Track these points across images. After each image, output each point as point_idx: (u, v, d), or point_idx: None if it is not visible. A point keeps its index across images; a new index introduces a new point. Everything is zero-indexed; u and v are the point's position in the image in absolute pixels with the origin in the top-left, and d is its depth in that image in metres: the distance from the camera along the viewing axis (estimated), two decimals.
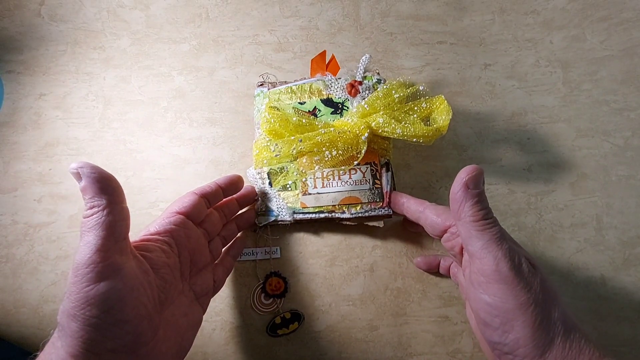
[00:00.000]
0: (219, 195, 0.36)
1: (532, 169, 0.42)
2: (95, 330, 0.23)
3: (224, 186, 0.36)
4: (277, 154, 0.37)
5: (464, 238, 0.28)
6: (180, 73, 0.44)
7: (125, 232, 0.26)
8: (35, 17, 0.46)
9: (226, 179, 0.36)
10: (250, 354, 0.37)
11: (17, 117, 0.43)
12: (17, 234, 0.40)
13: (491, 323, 0.27)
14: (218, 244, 0.36)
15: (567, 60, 0.45)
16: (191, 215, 0.33)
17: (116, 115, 0.43)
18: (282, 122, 0.37)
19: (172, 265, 0.30)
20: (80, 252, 0.24)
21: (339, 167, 0.37)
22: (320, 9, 0.46)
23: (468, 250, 0.28)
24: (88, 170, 0.25)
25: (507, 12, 0.46)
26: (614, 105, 0.43)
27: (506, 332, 0.26)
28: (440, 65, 0.45)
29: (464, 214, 0.28)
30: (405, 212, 0.36)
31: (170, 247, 0.30)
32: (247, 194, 0.38)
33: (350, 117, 0.38)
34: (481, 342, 0.31)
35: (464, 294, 0.34)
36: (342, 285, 0.39)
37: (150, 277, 0.27)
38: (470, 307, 0.30)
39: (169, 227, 0.31)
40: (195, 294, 0.32)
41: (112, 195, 0.25)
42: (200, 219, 0.34)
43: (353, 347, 0.37)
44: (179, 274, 0.31)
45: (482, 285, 0.27)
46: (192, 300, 0.32)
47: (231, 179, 0.37)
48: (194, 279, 0.32)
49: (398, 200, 0.36)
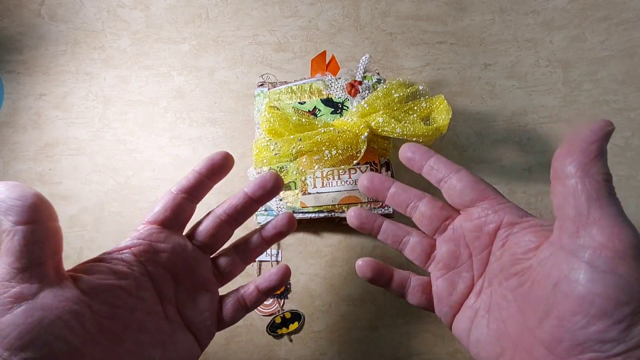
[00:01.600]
0: (203, 185, 0.29)
1: (532, 169, 0.42)
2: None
3: (205, 171, 0.29)
4: (276, 152, 0.37)
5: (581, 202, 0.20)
6: (180, 73, 0.44)
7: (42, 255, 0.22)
8: (35, 17, 0.46)
9: (205, 162, 0.29)
10: (251, 353, 0.37)
11: (17, 117, 0.43)
12: None
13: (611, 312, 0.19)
14: (232, 260, 0.30)
15: (567, 60, 0.45)
16: (167, 221, 0.27)
17: (116, 115, 0.43)
18: (282, 122, 0.37)
19: (129, 287, 0.25)
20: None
21: (338, 166, 0.37)
22: (320, 9, 0.46)
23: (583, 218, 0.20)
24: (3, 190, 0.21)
25: (507, 12, 0.46)
26: (614, 105, 0.43)
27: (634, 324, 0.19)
28: (440, 65, 0.45)
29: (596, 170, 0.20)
30: (390, 200, 0.30)
31: (129, 265, 0.26)
32: (260, 185, 0.29)
33: (350, 117, 0.38)
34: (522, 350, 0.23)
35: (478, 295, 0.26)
36: (342, 285, 0.39)
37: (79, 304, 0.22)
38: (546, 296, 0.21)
39: (130, 242, 0.27)
40: (186, 321, 0.27)
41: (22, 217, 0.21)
42: (184, 223, 0.29)
43: (353, 347, 0.37)
44: (149, 295, 0.26)
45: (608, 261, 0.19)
46: (178, 328, 0.27)
47: (211, 160, 0.29)
48: (183, 302, 0.27)
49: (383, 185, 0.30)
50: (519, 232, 0.25)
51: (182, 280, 0.28)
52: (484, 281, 0.26)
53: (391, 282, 0.30)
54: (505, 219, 0.26)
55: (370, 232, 0.31)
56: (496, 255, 0.25)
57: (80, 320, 0.22)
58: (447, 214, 0.28)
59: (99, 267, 0.25)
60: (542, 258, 0.22)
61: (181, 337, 0.27)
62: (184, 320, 0.27)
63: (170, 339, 0.26)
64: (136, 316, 0.25)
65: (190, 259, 0.28)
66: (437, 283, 0.28)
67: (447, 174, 0.28)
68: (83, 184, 0.41)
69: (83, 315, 0.22)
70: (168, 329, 0.26)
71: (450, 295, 0.27)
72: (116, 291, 0.24)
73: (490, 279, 0.26)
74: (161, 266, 0.27)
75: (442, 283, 0.27)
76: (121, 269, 0.25)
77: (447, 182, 0.28)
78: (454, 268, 0.27)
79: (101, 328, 0.23)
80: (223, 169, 0.30)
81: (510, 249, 0.25)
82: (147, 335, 0.25)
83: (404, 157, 0.30)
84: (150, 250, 0.27)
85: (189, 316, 0.27)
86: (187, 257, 0.28)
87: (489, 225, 0.26)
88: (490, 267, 0.26)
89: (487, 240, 0.26)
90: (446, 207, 0.29)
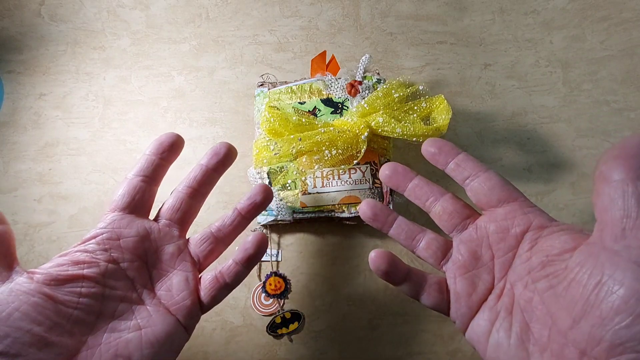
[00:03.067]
0: (158, 165, 0.30)
1: (532, 169, 0.42)
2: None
3: (155, 152, 0.30)
4: (276, 152, 0.37)
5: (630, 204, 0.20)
6: (180, 73, 0.44)
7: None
8: (35, 17, 0.46)
9: (154, 143, 0.30)
10: (251, 353, 0.37)
11: (17, 117, 0.43)
12: (17, 234, 0.39)
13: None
14: (207, 241, 0.29)
15: (567, 60, 0.45)
16: (128, 206, 0.28)
17: (116, 115, 0.43)
18: (282, 122, 0.37)
19: (94, 275, 0.25)
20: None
21: (338, 166, 0.37)
22: (320, 9, 0.46)
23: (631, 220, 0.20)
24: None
25: (507, 12, 0.46)
26: (614, 105, 0.43)
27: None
28: (440, 65, 0.45)
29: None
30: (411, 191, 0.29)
31: (92, 254, 0.26)
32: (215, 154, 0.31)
33: (350, 117, 0.38)
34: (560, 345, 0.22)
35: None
36: (342, 285, 0.39)
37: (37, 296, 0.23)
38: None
39: (93, 232, 0.27)
40: (162, 301, 0.27)
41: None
42: (145, 205, 0.29)
43: (353, 346, 0.37)
44: (120, 282, 0.26)
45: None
46: (156, 312, 0.27)
47: (159, 140, 0.30)
48: (159, 285, 0.28)
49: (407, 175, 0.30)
50: (551, 234, 0.24)
51: (153, 264, 0.28)
52: (504, 284, 0.26)
53: (406, 278, 0.28)
54: (535, 222, 0.25)
55: (382, 226, 0.30)
56: (522, 258, 0.25)
57: (42, 312, 0.23)
58: (469, 213, 0.28)
59: (59, 261, 0.25)
60: (581, 259, 0.22)
61: (160, 319, 0.26)
62: (162, 303, 0.27)
63: (148, 322, 0.26)
64: (107, 304, 0.25)
65: (159, 240, 0.28)
66: (456, 282, 0.27)
67: (474, 173, 0.28)
68: (83, 184, 0.41)
69: (45, 307, 0.23)
70: (145, 313, 0.26)
71: (470, 296, 0.26)
72: (80, 281, 0.25)
73: (514, 281, 0.25)
74: (129, 252, 0.27)
75: (461, 282, 0.27)
76: (83, 258, 0.26)
77: (473, 181, 0.28)
78: (474, 269, 0.27)
79: (70, 318, 0.24)
80: (172, 147, 0.30)
81: (541, 251, 0.24)
82: (122, 321, 0.25)
83: (428, 152, 0.30)
84: (114, 237, 0.27)
85: (167, 298, 0.27)
86: (156, 239, 0.28)
87: (517, 227, 0.26)
88: (515, 270, 0.25)
89: (513, 242, 0.26)
90: (468, 206, 0.28)
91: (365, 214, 0.30)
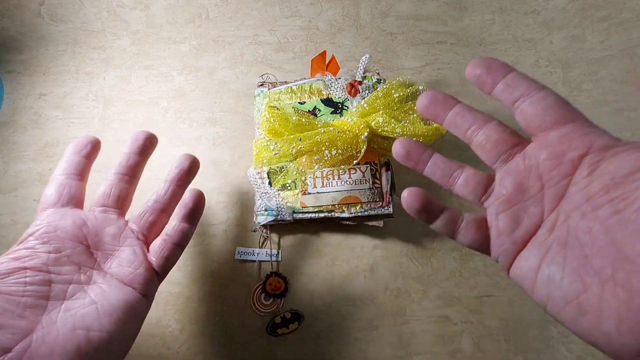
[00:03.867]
0: (80, 163, 0.32)
1: None
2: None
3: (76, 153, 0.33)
4: (276, 152, 0.37)
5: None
6: (180, 73, 0.44)
7: None
8: (35, 17, 0.46)
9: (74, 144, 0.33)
10: (250, 353, 0.37)
11: (17, 117, 0.43)
12: (17, 234, 0.39)
13: None
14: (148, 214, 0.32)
15: (567, 60, 0.45)
16: (58, 201, 0.30)
17: (116, 115, 0.43)
18: (281, 122, 0.37)
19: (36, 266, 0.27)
20: None
21: (338, 166, 0.37)
22: (320, 9, 0.46)
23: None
24: None
25: (507, 12, 0.46)
26: (614, 105, 0.43)
27: None
28: (440, 65, 0.45)
29: None
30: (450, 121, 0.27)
31: (32, 249, 0.28)
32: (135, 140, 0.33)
33: (350, 117, 0.38)
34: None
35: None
36: (342, 285, 0.39)
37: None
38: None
39: (30, 230, 0.29)
40: (117, 277, 0.29)
41: None
42: (74, 198, 0.31)
43: (353, 346, 0.37)
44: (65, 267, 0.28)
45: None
46: (110, 286, 0.28)
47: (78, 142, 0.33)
48: (108, 263, 0.30)
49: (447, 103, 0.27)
50: (617, 155, 0.21)
51: (97, 246, 0.30)
52: (557, 216, 0.23)
53: (440, 215, 0.26)
54: (597, 143, 0.22)
55: (416, 164, 0.28)
56: (580, 185, 0.22)
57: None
58: (517, 141, 0.25)
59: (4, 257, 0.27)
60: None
61: (115, 291, 0.28)
62: (115, 278, 0.29)
63: (102, 297, 0.28)
64: (56, 288, 0.27)
65: (97, 226, 0.30)
66: (497, 218, 0.24)
67: (527, 92, 0.24)
68: None
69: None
70: (98, 290, 0.28)
71: (513, 232, 0.24)
72: (22, 272, 0.27)
73: (568, 212, 0.22)
74: (69, 239, 0.29)
75: (503, 218, 0.24)
76: (24, 254, 0.28)
77: (525, 101, 0.24)
78: (520, 202, 0.24)
79: (19, 304, 0.26)
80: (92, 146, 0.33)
81: (606, 174, 0.21)
82: (76, 300, 0.27)
83: (473, 74, 0.26)
84: (51, 230, 0.29)
85: (119, 272, 0.29)
86: (94, 225, 0.30)
87: (574, 151, 0.23)
88: (570, 199, 0.22)
89: (569, 168, 0.23)
90: (516, 133, 0.25)
91: (398, 153, 0.28)
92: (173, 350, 0.37)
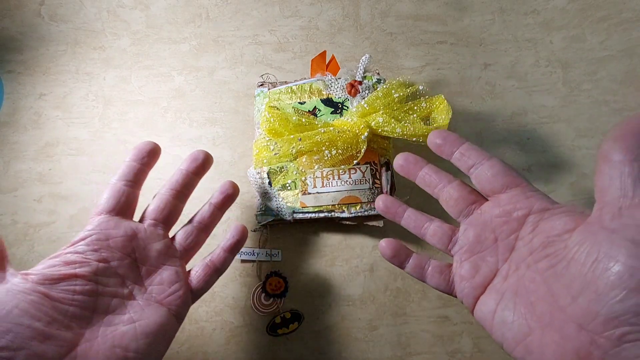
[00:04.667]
0: (140, 171, 0.32)
1: (532, 169, 0.42)
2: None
3: (137, 160, 0.31)
4: (276, 152, 0.37)
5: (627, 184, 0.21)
6: (180, 73, 0.44)
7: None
8: (35, 17, 0.46)
9: (134, 151, 0.32)
10: (250, 353, 0.37)
11: (17, 117, 0.43)
12: (17, 234, 0.40)
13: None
14: (190, 235, 0.32)
15: (567, 60, 0.45)
16: (113, 209, 0.30)
17: (116, 115, 0.43)
18: (282, 122, 0.37)
19: (86, 274, 0.27)
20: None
21: (338, 166, 0.37)
22: (320, 9, 0.46)
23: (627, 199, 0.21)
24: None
25: (507, 12, 0.46)
26: (613, 105, 0.43)
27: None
28: (440, 65, 0.45)
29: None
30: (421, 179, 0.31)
31: (83, 255, 0.27)
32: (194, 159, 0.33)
33: (350, 117, 0.38)
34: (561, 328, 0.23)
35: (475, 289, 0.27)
36: (342, 285, 0.39)
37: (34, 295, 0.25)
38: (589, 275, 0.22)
39: (83, 234, 0.28)
40: (154, 295, 0.29)
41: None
42: (129, 207, 0.30)
43: (353, 346, 0.37)
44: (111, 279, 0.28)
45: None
46: (148, 305, 0.28)
47: (139, 149, 0.32)
48: (149, 280, 0.29)
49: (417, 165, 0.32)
50: (552, 216, 0.25)
51: (143, 261, 0.30)
52: (510, 265, 0.26)
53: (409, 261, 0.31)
54: (536, 205, 0.26)
55: (393, 217, 0.32)
56: (525, 240, 0.26)
57: (40, 308, 0.24)
58: (475, 199, 0.29)
59: (50, 262, 0.27)
60: (580, 238, 0.23)
61: (152, 312, 0.28)
62: (154, 297, 0.29)
63: (140, 315, 0.28)
64: (101, 300, 0.27)
65: (146, 239, 0.30)
66: (461, 265, 0.28)
67: (478, 161, 0.29)
68: (83, 184, 0.41)
69: (42, 304, 0.25)
70: (137, 307, 0.28)
71: (474, 278, 0.27)
72: (73, 279, 0.26)
73: (518, 263, 0.26)
74: (118, 250, 0.29)
75: (465, 265, 0.28)
76: (75, 259, 0.27)
77: (477, 169, 0.29)
78: (479, 252, 0.28)
79: (66, 313, 0.25)
80: (150, 154, 0.32)
81: (543, 232, 0.25)
82: (117, 315, 0.27)
83: (433, 143, 0.31)
84: (103, 238, 0.28)
85: (159, 292, 0.29)
86: (143, 238, 0.30)
87: (519, 211, 0.27)
88: (518, 252, 0.26)
89: (516, 225, 0.27)
90: (474, 192, 0.29)
91: (379, 207, 0.33)
92: (173, 350, 0.37)
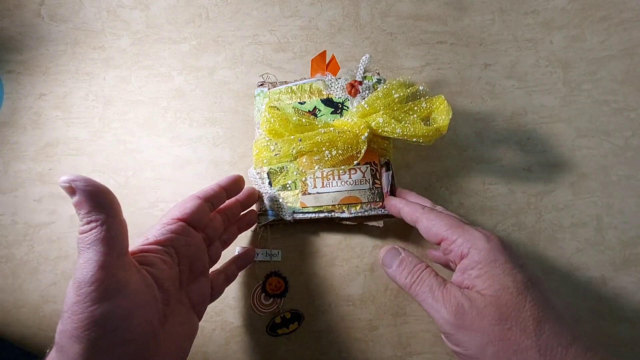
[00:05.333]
0: (222, 197, 0.34)
1: (532, 169, 0.42)
2: (99, 351, 0.22)
3: (226, 187, 0.35)
4: (276, 153, 0.37)
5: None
6: (180, 73, 0.44)
7: (125, 246, 0.25)
8: (35, 17, 0.46)
9: (228, 179, 0.35)
10: (251, 353, 0.37)
11: (17, 117, 0.43)
12: (17, 234, 0.40)
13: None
14: (218, 248, 0.34)
15: (567, 60, 0.45)
16: (193, 221, 0.31)
17: (116, 115, 0.43)
18: (282, 122, 0.37)
19: (173, 276, 0.28)
20: (82, 270, 0.22)
21: (338, 166, 0.37)
22: (320, 9, 0.46)
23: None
24: (82, 184, 0.23)
25: (507, 12, 0.46)
26: (614, 105, 0.43)
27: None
28: (440, 65, 0.45)
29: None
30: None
31: (170, 257, 0.29)
32: (249, 195, 0.37)
33: (350, 117, 0.38)
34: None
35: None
36: (342, 285, 0.39)
37: (154, 291, 0.26)
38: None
39: (169, 235, 0.29)
40: (191, 301, 0.30)
41: (109, 209, 0.24)
42: (202, 223, 0.32)
43: (353, 346, 0.37)
44: (179, 283, 0.29)
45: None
46: (189, 308, 0.30)
47: (233, 179, 0.36)
48: (190, 286, 0.31)
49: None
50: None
51: (193, 269, 0.31)
52: None
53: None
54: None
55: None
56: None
57: (158, 305, 0.26)
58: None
59: (154, 259, 0.28)
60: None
61: (190, 316, 0.30)
62: (191, 301, 0.31)
63: (187, 319, 0.29)
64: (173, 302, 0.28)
65: (202, 251, 0.32)
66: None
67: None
68: None
69: (157, 301, 0.26)
70: (184, 311, 0.29)
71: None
72: (169, 280, 0.28)
73: None
74: (186, 257, 0.30)
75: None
76: (167, 259, 0.28)
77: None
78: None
79: (163, 312, 0.26)
80: (238, 187, 0.36)
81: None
82: (175, 318, 0.28)
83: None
84: (183, 244, 0.30)
85: (194, 298, 0.31)
86: (201, 249, 0.32)
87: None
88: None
89: None
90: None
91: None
92: None
